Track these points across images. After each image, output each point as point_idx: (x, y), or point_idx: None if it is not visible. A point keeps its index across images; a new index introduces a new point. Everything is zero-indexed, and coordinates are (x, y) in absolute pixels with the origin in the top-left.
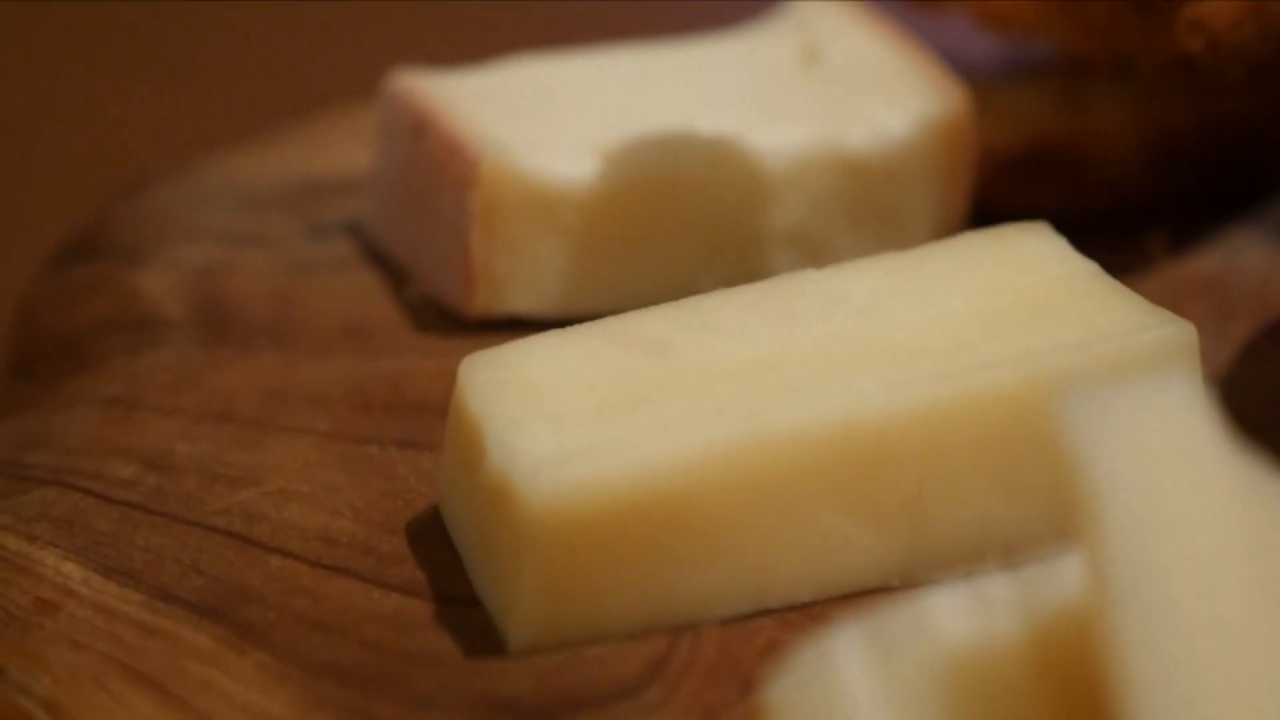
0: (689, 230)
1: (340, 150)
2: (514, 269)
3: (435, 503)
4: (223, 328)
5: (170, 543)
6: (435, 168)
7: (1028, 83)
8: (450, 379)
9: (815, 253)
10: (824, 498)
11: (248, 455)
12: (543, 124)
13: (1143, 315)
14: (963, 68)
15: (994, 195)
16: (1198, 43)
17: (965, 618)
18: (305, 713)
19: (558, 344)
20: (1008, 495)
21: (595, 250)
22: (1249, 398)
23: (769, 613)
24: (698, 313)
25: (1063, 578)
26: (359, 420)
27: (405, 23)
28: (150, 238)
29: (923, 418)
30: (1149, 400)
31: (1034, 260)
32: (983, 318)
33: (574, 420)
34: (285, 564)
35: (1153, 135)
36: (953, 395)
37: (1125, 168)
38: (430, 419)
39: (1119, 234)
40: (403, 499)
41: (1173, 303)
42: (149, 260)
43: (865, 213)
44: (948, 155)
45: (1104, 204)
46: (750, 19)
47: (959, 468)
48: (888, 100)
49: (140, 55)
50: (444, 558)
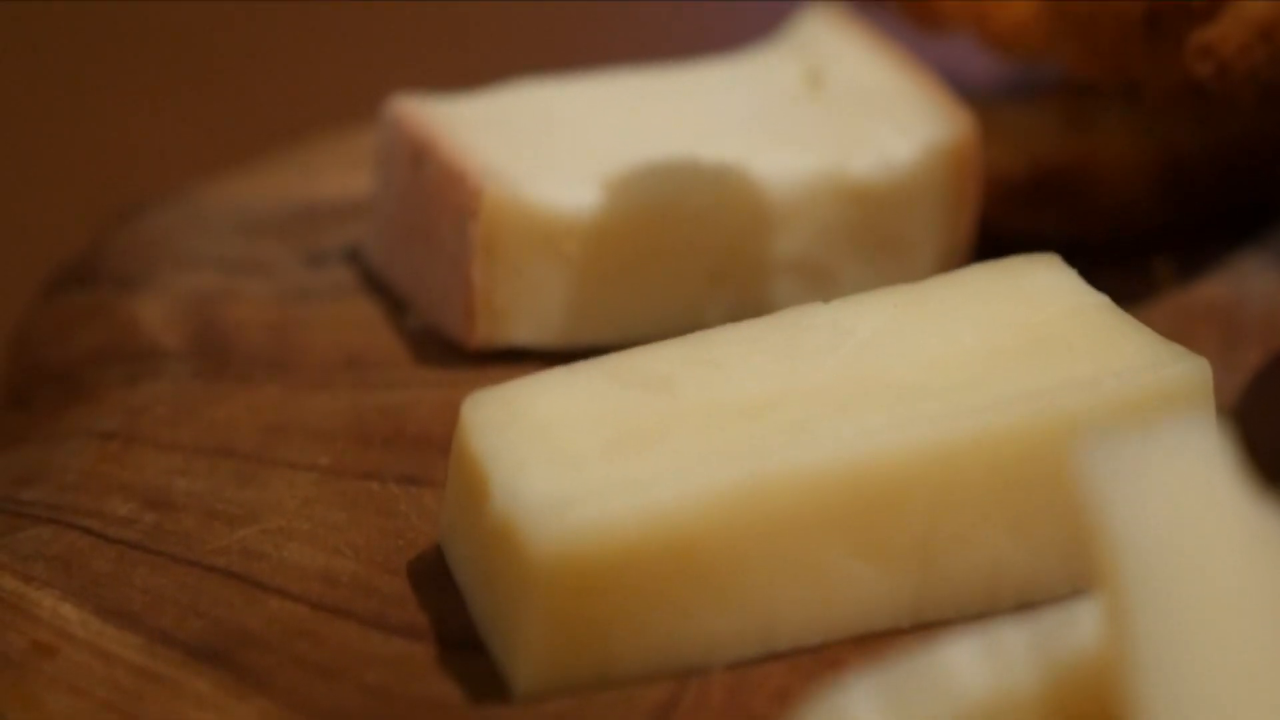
0: (692, 259)
1: (339, 175)
2: (515, 300)
3: (437, 541)
4: (221, 358)
5: (169, 583)
6: (435, 196)
7: (1033, 104)
8: (452, 411)
9: (820, 280)
10: (833, 539)
11: (247, 491)
12: (544, 151)
13: (1155, 351)
14: (966, 88)
15: (1000, 221)
16: (1207, 68)
17: (981, 669)
18: None
19: (562, 381)
20: (1019, 535)
21: (597, 280)
22: (1260, 428)
23: (778, 657)
24: (703, 348)
25: (1079, 627)
26: (360, 455)
27: (406, 45)
28: (147, 264)
29: (933, 457)
30: (1165, 446)
31: (1044, 293)
32: (993, 353)
33: (579, 461)
34: (285, 606)
35: (1160, 159)
36: (963, 434)
37: (1132, 193)
38: (432, 453)
39: (1126, 259)
40: (404, 537)
41: (1181, 330)
42: (146, 288)
43: (870, 240)
44: (953, 182)
45: (1110, 229)
46: (753, 41)
47: (970, 508)
48: (893, 126)
49: (138, 78)
50: (447, 599)
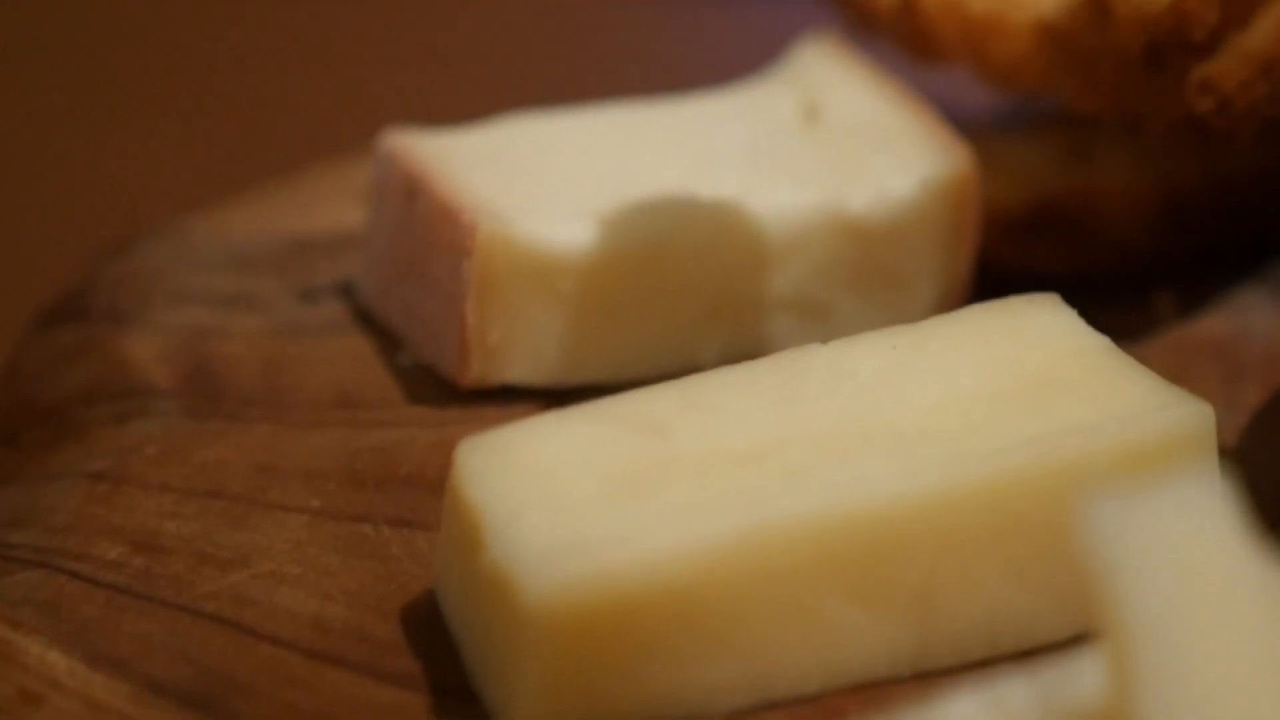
0: (688, 296)
1: (333, 207)
2: (510, 338)
3: (431, 586)
4: (212, 397)
5: (159, 629)
6: (429, 232)
7: (1031, 136)
8: (445, 451)
9: (817, 317)
10: (832, 588)
11: (238, 534)
12: (538, 187)
13: (1156, 395)
14: (964, 120)
15: (998, 255)
16: (1208, 103)
17: None
18: None
19: (556, 426)
20: (1020, 582)
21: (592, 317)
22: (1261, 468)
23: (777, 706)
24: (699, 392)
25: (1081, 680)
26: (351, 497)
27: (401, 76)
28: (139, 299)
29: (933, 505)
30: (1167, 499)
31: (1044, 334)
32: (993, 397)
33: (574, 509)
34: (277, 653)
35: (1160, 193)
36: (963, 482)
37: (1132, 227)
38: (424, 495)
39: (1126, 294)
40: (397, 582)
41: (1182, 367)
42: (137, 324)
43: (868, 276)
44: (952, 217)
45: (1110, 264)
46: (750, 73)
47: (970, 555)
48: (891, 161)
49: (130, 109)
50: (440, 646)
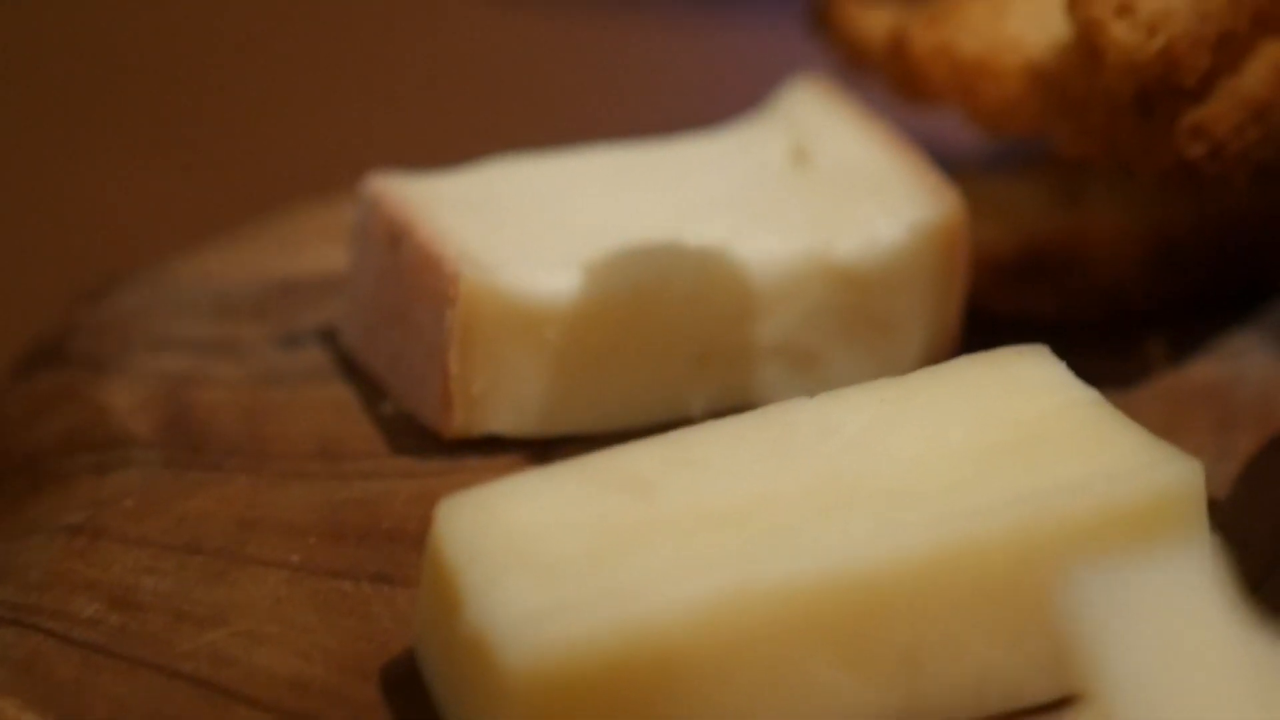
0: (675, 344)
1: (318, 248)
2: (493, 388)
3: (411, 645)
4: (192, 447)
5: (134, 691)
6: (412, 280)
7: (1022, 178)
8: (426, 504)
9: (806, 364)
10: (817, 650)
11: (216, 591)
12: (523, 233)
13: (1146, 452)
14: (954, 159)
15: (989, 300)
16: (1200, 149)
17: None
18: None
19: (539, 485)
20: (1007, 643)
21: (577, 367)
22: (1252, 520)
23: None
24: (685, 448)
25: None
26: (332, 552)
27: (386, 114)
28: (118, 346)
29: (920, 566)
30: (1155, 568)
31: (1033, 387)
32: (980, 453)
33: (555, 571)
34: (255, 715)
35: (1151, 237)
36: (950, 542)
37: (1123, 271)
38: (405, 549)
39: (1117, 339)
40: (377, 641)
41: (1173, 414)
42: (117, 371)
43: (857, 323)
44: (942, 263)
45: (1102, 308)
46: (738, 114)
47: (957, 616)
48: (880, 206)
49: (111, 148)
50: (420, 707)
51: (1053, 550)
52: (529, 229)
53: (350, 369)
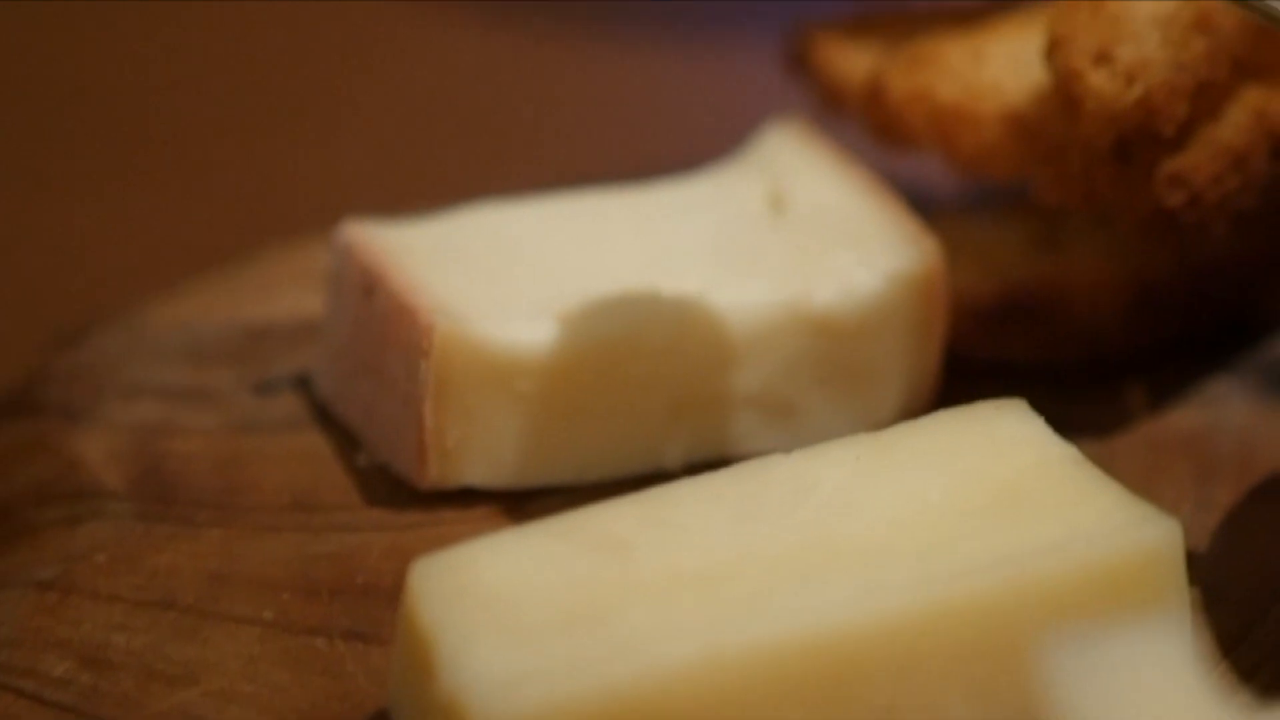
0: (650, 394)
1: (293, 293)
2: (468, 440)
3: (385, 706)
4: (164, 499)
5: None
6: (386, 330)
7: (1001, 222)
8: (402, 558)
9: (782, 414)
10: (795, 713)
11: (188, 648)
12: (498, 282)
13: (1124, 512)
14: (933, 203)
15: (967, 346)
16: (1179, 197)
17: None
18: None
19: (513, 546)
20: (984, 706)
21: (553, 418)
22: (1231, 573)
23: None
24: (660, 507)
25: None
26: (305, 608)
27: (362, 155)
28: (91, 394)
29: (897, 629)
30: (1132, 640)
31: (1011, 444)
32: (957, 512)
33: (530, 634)
34: None
35: (1131, 282)
36: (928, 605)
37: (1103, 317)
38: (380, 605)
39: (1097, 385)
40: (351, 700)
41: (1153, 465)
42: (89, 420)
43: (834, 372)
44: (920, 312)
45: (1081, 354)
46: (716, 158)
47: (934, 679)
48: (858, 255)
49: (81, 189)
50: None
51: (1030, 612)
52: (504, 278)
53: (325, 417)
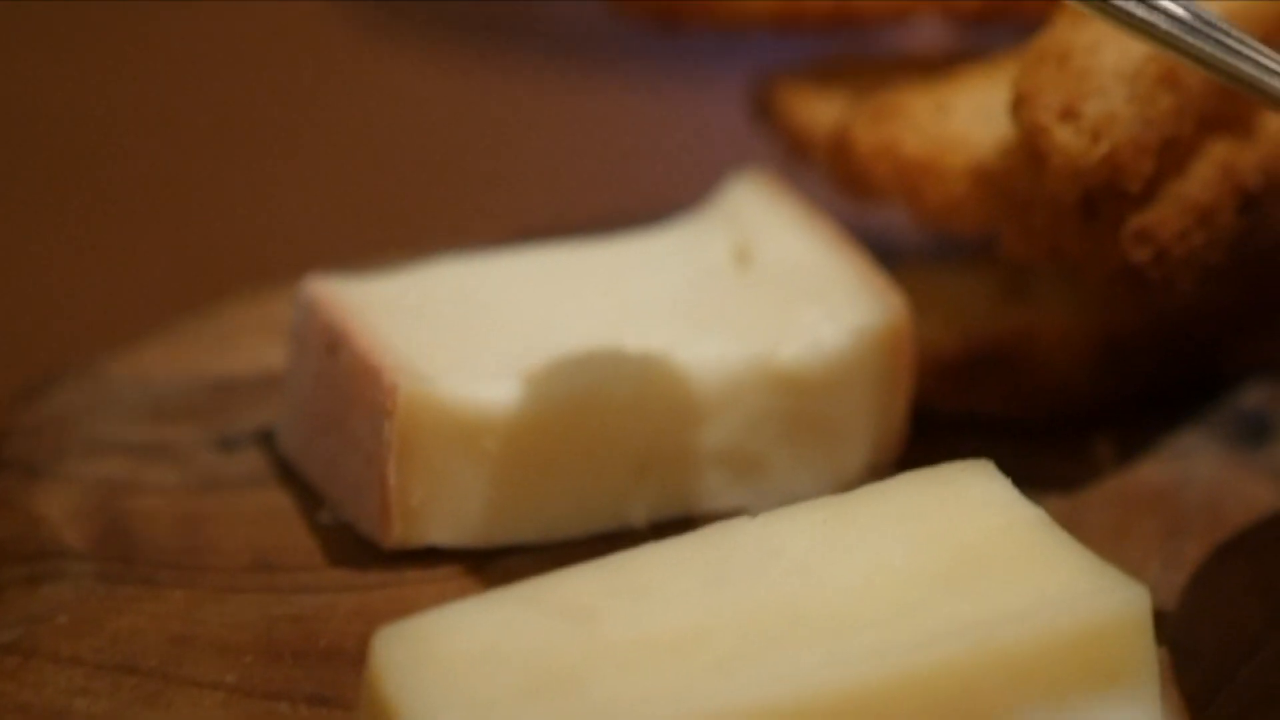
0: (616, 452)
1: (256, 345)
2: (432, 499)
3: None
4: (126, 559)
5: None
6: (350, 388)
7: (968, 273)
8: (365, 620)
9: (748, 470)
10: None
11: (150, 714)
12: (462, 340)
13: (1091, 577)
14: (900, 253)
15: (934, 399)
16: (1145, 253)
17: None
18: None
19: (478, 613)
20: None
21: (517, 477)
22: (1200, 631)
23: None
24: (626, 573)
25: None
26: (268, 671)
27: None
28: (52, 451)
29: (864, 697)
30: (1100, 713)
31: (977, 506)
32: (924, 578)
33: (495, 704)
34: None
35: (1099, 335)
36: (893, 674)
37: (1071, 370)
38: (343, 669)
39: (1065, 438)
40: None
41: (1121, 521)
42: (50, 476)
43: (801, 428)
44: (886, 367)
45: (1049, 407)
46: (681, 209)
47: None
48: (823, 310)
49: (42, 240)
50: None
51: (996, 681)
52: (468, 335)
53: (288, 474)
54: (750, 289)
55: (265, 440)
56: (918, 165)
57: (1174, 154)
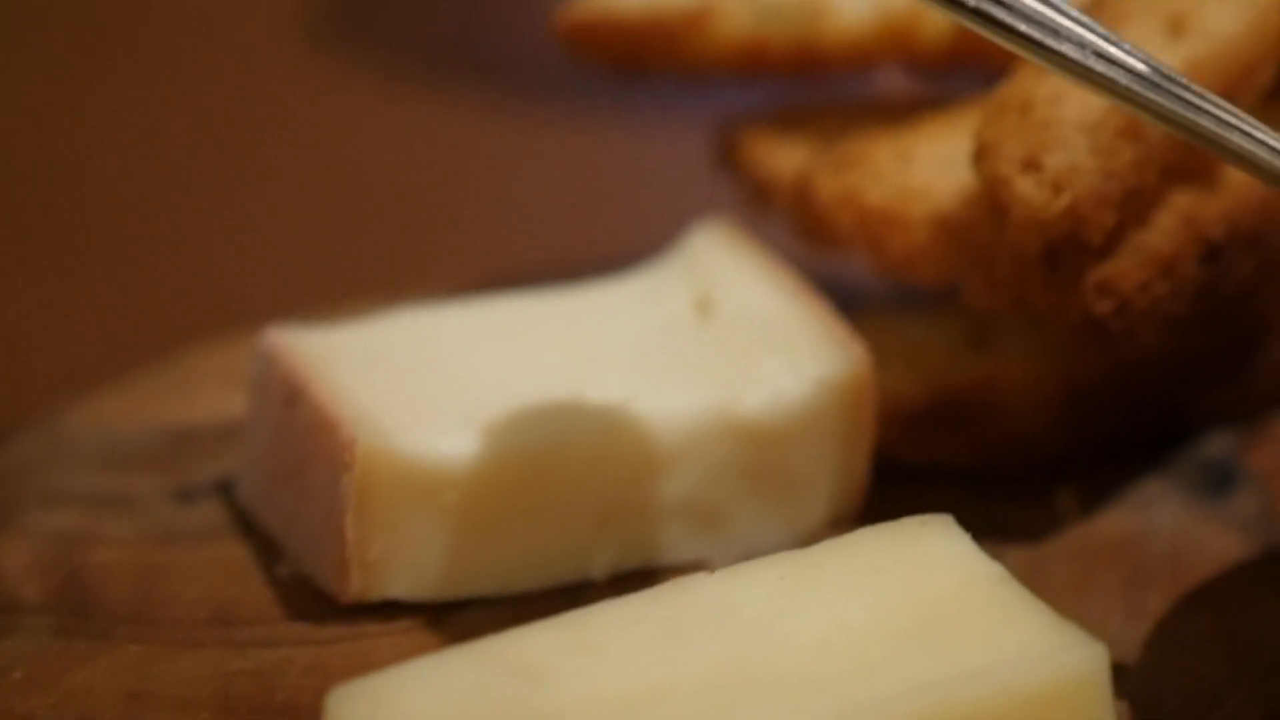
0: (576, 505)
1: (212, 394)
2: (391, 553)
3: None
4: (82, 613)
5: None
6: (308, 441)
7: (930, 322)
8: (322, 675)
9: (709, 522)
10: None
11: None
12: (421, 392)
13: (1050, 635)
14: (860, 300)
15: (897, 450)
16: (1107, 305)
17: None
18: None
19: (432, 672)
20: None
21: (477, 530)
22: (1162, 685)
23: None
24: (581, 632)
25: None
26: None
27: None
28: (9, 502)
29: None
30: None
31: (936, 563)
32: (882, 636)
33: None
34: None
35: (1063, 385)
36: None
37: (1034, 420)
38: None
39: (1027, 488)
40: None
41: (1083, 571)
42: (7, 529)
43: (762, 479)
44: (848, 418)
45: (1012, 457)
46: (642, 258)
47: None
48: (785, 361)
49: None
50: None
51: None
52: (427, 387)
53: (246, 525)
54: (711, 339)
55: (225, 491)
56: (880, 214)
57: (1136, 205)
